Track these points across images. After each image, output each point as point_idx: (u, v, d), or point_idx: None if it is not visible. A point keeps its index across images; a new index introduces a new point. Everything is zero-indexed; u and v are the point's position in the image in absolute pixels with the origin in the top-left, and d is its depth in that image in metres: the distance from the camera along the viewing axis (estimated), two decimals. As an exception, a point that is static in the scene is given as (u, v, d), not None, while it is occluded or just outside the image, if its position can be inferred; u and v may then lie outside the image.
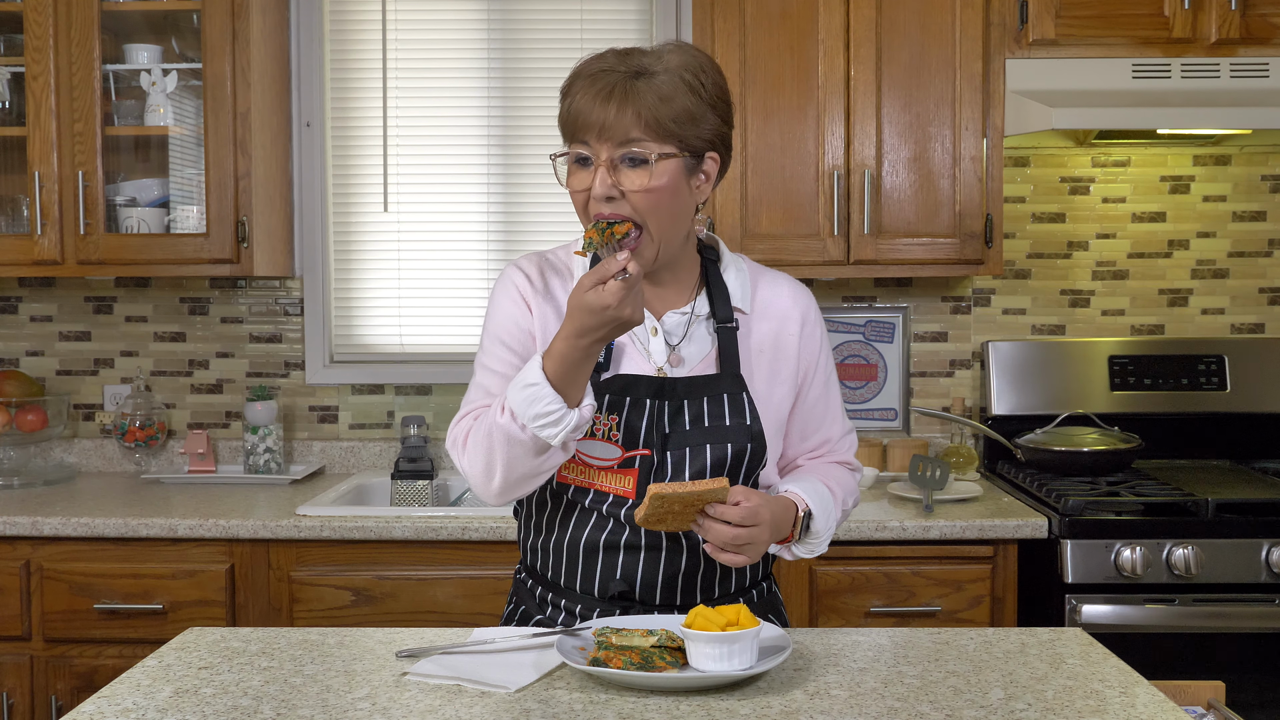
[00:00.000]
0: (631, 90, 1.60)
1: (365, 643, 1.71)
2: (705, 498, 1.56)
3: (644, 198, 1.62)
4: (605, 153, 1.62)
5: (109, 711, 1.46)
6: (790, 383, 1.79)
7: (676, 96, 1.62)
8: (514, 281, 1.78)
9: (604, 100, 1.60)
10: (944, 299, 3.44)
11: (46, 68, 3.05)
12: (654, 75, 1.62)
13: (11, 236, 3.12)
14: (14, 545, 2.81)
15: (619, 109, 1.60)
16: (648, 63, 1.63)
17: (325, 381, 3.46)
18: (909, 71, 3.03)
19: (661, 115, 1.61)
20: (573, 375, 1.57)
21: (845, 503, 1.84)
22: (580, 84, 1.64)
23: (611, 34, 3.40)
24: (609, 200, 1.62)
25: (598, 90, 1.61)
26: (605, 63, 1.64)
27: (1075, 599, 2.66)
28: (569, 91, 1.66)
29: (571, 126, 1.64)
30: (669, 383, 1.71)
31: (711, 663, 1.48)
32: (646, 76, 1.62)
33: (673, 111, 1.61)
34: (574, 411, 1.58)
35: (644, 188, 1.62)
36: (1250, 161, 3.41)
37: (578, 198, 1.66)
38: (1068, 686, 1.53)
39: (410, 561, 2.77)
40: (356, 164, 3.47)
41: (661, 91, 1.61)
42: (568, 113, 1.64)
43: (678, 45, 1.68)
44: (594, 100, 1.61)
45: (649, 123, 1.60)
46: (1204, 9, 2.98)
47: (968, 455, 3.28)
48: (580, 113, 1.62)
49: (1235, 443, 3.31)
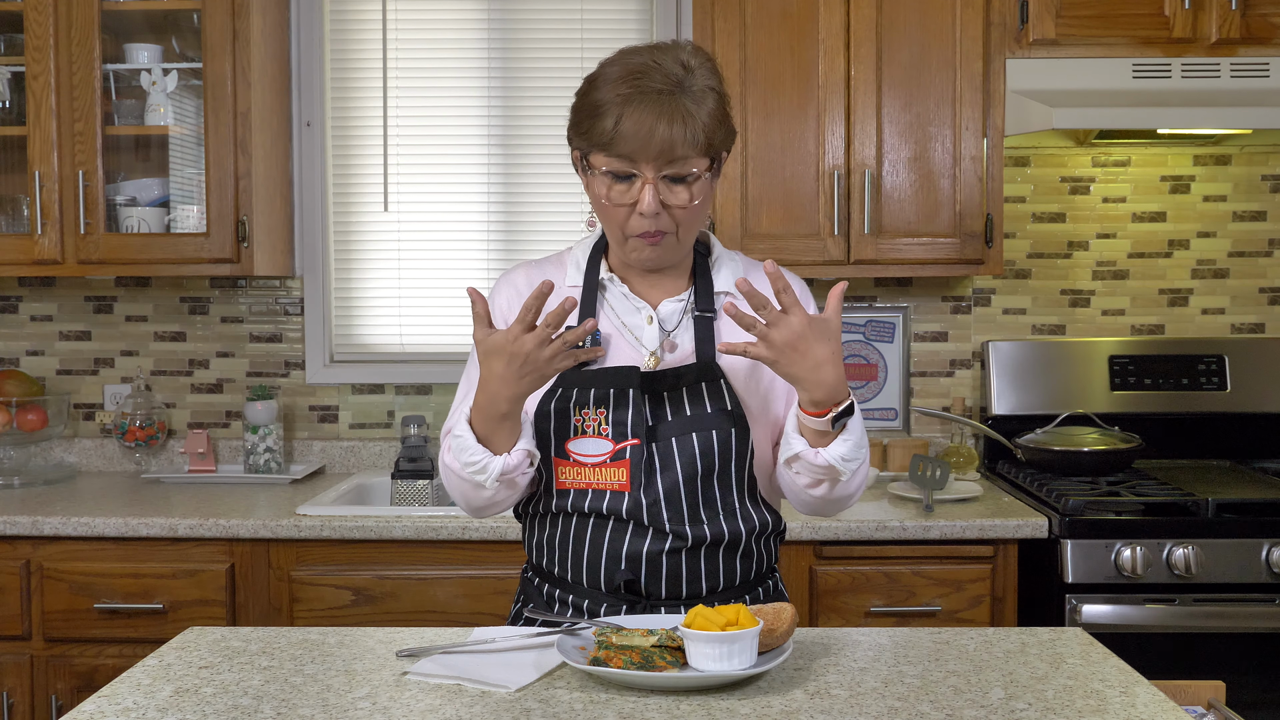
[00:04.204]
0: (684, 112, 1.63)
1: (365, 642, 1.71)
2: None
3: (686, 212, 1.69)
4: (651, 172, 1.65)
5: (109, 711, 1.46)
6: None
7: (715, 112, 1.67)
8: (496, 305, 1.82)
9: (663, 122, 1.62)
10: (944, 299, 3.44)
11: (47, 67, 3.05)
12: (695, 92, 1.65)
13: (12, 236, 3.12)
14: (14, 545, 2.81)
15: (674, 131, 1.62)
16: (683, 74, 1.65)
17: (325, 381, 3.46)
18: (909, 71, 3.03)
19: (709, 134, 1.66)
20: (494, 426, 1.66)
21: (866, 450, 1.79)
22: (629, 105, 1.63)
23: (611, 34, 3.40)
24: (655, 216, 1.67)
25: (657, 112, 1.62)
26: (647, 81, 1.63)
27: (1075, 599, 2.66)
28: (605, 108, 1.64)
29: (618, 145, 1.64)
30: (648, 375, 1.73)
31: (711, 663, 1.48)
32: (690, 95, 1.64)
33: (714, 128, 1.67)
34: (499, 459, 1.67)
35: (688, 203, 1.68)
36: (1250, 161, 3.41)
37: (617, 211, 1.69)
38: (1068, 686, 1.53)
39: (410, 561, 2.78)
40: (356, 164, 3.47)
41: (709, 109, 1.66)
42: (615, 132, 1.63)
43: (695, 47, 1.70)
44: (651, 122, 1.62)
45: (697, 143, 1.65)
46: (1204, 9, 2.98)
47: (968, 455, 3.28)
48: (634, 135, 1.63)
49: (1235, 443, 3.31)
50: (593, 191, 1.72)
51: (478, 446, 1.67)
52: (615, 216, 1.70)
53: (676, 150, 1.64)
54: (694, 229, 1.74)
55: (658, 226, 1.68)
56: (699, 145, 1.65)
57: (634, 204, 1.67)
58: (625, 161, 1.65)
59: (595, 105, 1.66)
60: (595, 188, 1.71)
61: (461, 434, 1.68)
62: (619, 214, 1.70)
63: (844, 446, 1.67)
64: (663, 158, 1.64)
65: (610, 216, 1.71)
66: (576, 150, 1.74)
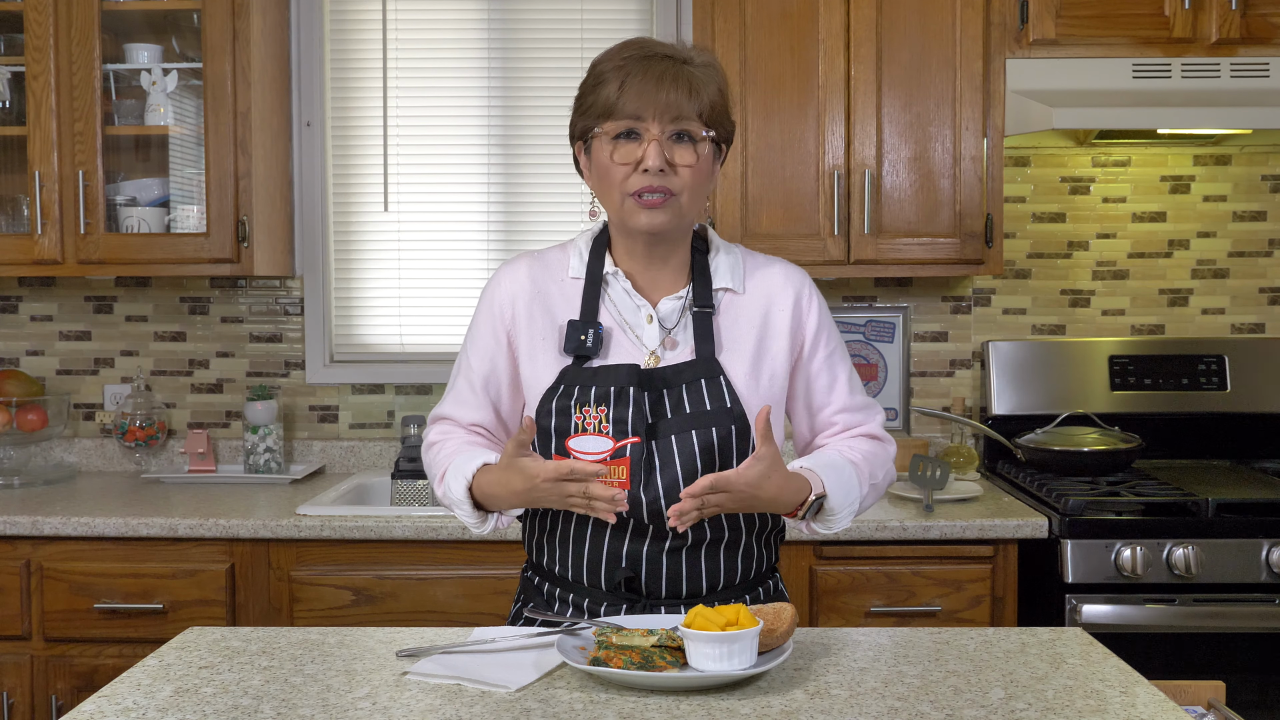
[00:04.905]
0: (687, 75, 1.70)
1: (365, 642, 1.71)
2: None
3: (691, 172, 1.71)
4: (657, 129, 1.69)
5: (109, 711, 1.46)
6: (782, 359, 1.80)
7: (720, 93, 1.73)
8: (496, 301, 1.84)
9: (667, 82, 1.68)
10: (944, 299, 3.44)
11: (47, 67, 3.05)
12: (699, 66, 1.72)
13: (12, 236, 3.12)
14: (14, 545, 2.81)
15: (677, 89, 1.68)
16: (687, 52, 1.73)
17: (325, 381, 3.46)
18: (909, 71, 3.03)
19: (712, 101, 1.71)
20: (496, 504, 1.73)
21: (874, 475, 1.80)
22: (632, 68, 1.69)
23: (611, 34, 3.40)
24: (659, 173, 1.69)
25: (659, 73, 1.69)
26: (650, 49, 1.72)
27: (1075, 599, 2.66)
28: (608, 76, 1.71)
29: (624, 106, 1.69)
30: (647, 373, 1.73)
31: (711, 663, 1.48)
32: (695, 68, 1.71)
33: (716, 101, 1.72)
34: (491, 518, 1.77)
35: (692, 163, 1.71)
36: (1250, 161, 3.41)
37: (619, 170, 1.71)
38: (1068, 686, 1.53)
39: (410, 561, 2.78)
40: (356, 164, 3.47)
41: (714, 86, 1.73)
42: (619, 94, 1.69)
43: (699, 46, 1.78)
44: (654, 81, 1.68)
45: (700, 106, 1.70)
46: (1204, 9, 2.98)
47: (968, 455, 3.28)
48: (639, 94, 1.68)
49: (1235, 443, 3.31)
50: (597, 162, 1.73)
51: (473, 511, 1.75)
52: (617, 177, 1.71)
53: (682, 109, 1.69)
54: (696, 198, 1.74)
55: (663, 183, 1.69)
56: (703, 112, 1.70)
57: (638, 163, 1.69)
58: (631, 120, 1.69)
59: (598, 76, 1.72)
60: (599, 156, 1.73)
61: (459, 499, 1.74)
62: (621, 173, 1.71)
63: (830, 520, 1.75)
64: (668, 114, 1.68)
65: (613, 179, 1.72)
66: (579, 137, 1.75)
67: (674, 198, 1.71)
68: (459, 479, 1.73)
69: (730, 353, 1.77)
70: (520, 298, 1.81)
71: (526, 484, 1.62)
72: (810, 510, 1.70)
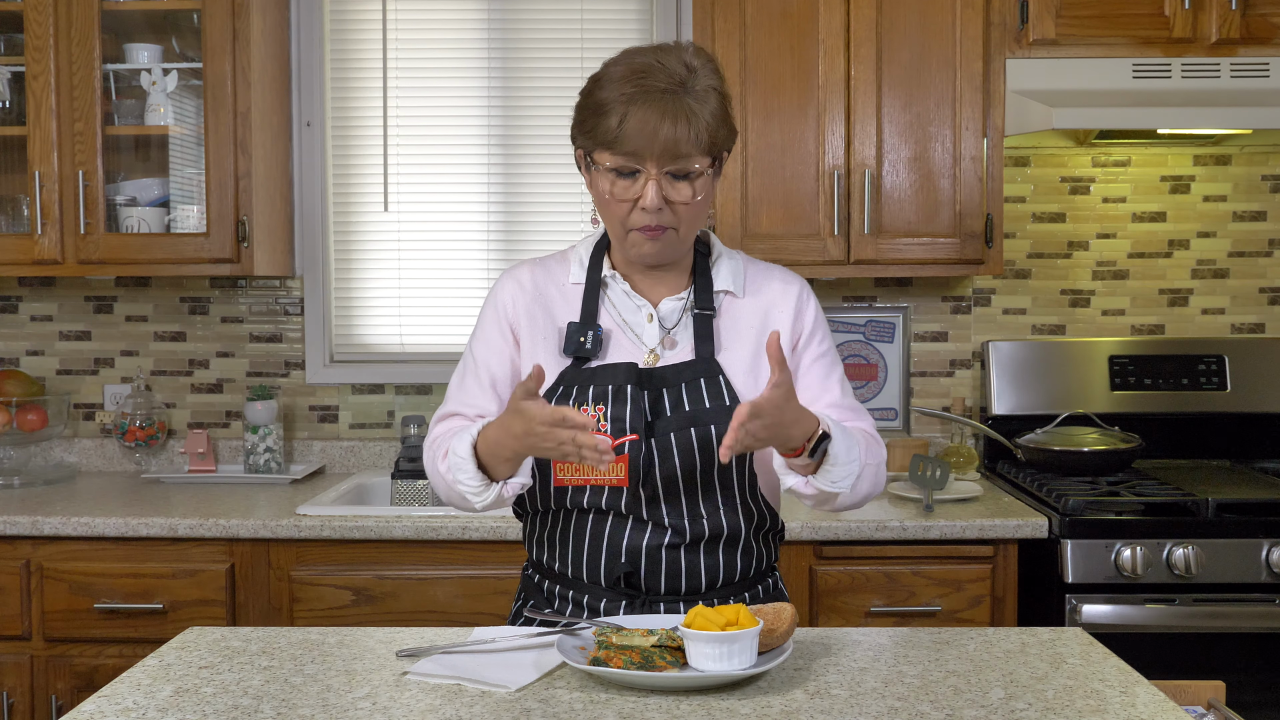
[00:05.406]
0: (688, 111, 1.66)
1: (365, 642, 1.71)
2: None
3: (688, 208, 1.71)
4: (655, 169, 1.67)
5: (109, 711, 1.46)
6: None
7: (718, 112, 1.69)
8: (500, 301, 1.84)
9: (668, 121, 1.65)
10: (944, 299, 3.44)
11: (47, 67, 3.05)
12: (698, 91, 1.67)
13: (12, 236, 3.12)
14: (14, 545, 2.80)
15: (678, 130, 1.65)
16: (686, 75, 1.67)
17: (325, 381, 3.46)
18: (909, 71, 3.03)
19: (712, 134, 1.68)
20: (495, 462, 1.67)
21: (871, 455, 1.78)
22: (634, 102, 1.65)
23: (611, 34, 3.40)
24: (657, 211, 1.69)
25: (659, 111, 1.65)
26: (652, 79, 1.66)
27: (1075, 599, 2.66)
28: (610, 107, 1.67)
29: (623, 142, 1.66)
30: (647, 372, 1.74)
31: (711, 662, 1.48)
32: (693, 95, 1.66)
33: (716, 128, 1.69)
34: (495, 486, 1.69)
35: (691, 200, 1.70)
36: (1250, 161, 3.41)
37: (620, 206, 1.71)
38: (1068, 686, 1.53)
39: (410, 561, 2.78)
40: (356, 164, 3.47)
41: (711, 109, 1.68)
42: (619, 130, 1.66)
43: (697, 48, 1.73)
44: (655, 118, 1.65)
45: (699, 137, 1.67)
46: (1204, 9, 2.98)
47: (968, 455, 3.28)
48: (638, 133, 1.65)
49: (1235, 443, 3.31)
50: (596, 188, 1.74)
51: (476, 473, 1.68)
52: (618, 212, 1.72)
53: (680, 148, 1.66)
54: (695, 226, 1.75)
55: (660, 221, 1.70)
56: (702, 144, 1.67)
57: (637, 199, 1.69)
58: (629, 158, 1.68)
59: (600, 104, 1.68)
60: (599, 184, 1.73)
61: (463, 456, 1.68)
62: (621, 209, 1.72)
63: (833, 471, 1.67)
64: (666, 155, 1.66)
65: (613, 212, 1.73)
66: (580, 149, 1.75)
67: (671, 230, 1.72)
68: (464, 437, 1.70)
69: (730, 353, 1.78)
70: (522, 299, 1.83)
71: (524, 426, 1.59)
72: (817, 450, 1.65)
